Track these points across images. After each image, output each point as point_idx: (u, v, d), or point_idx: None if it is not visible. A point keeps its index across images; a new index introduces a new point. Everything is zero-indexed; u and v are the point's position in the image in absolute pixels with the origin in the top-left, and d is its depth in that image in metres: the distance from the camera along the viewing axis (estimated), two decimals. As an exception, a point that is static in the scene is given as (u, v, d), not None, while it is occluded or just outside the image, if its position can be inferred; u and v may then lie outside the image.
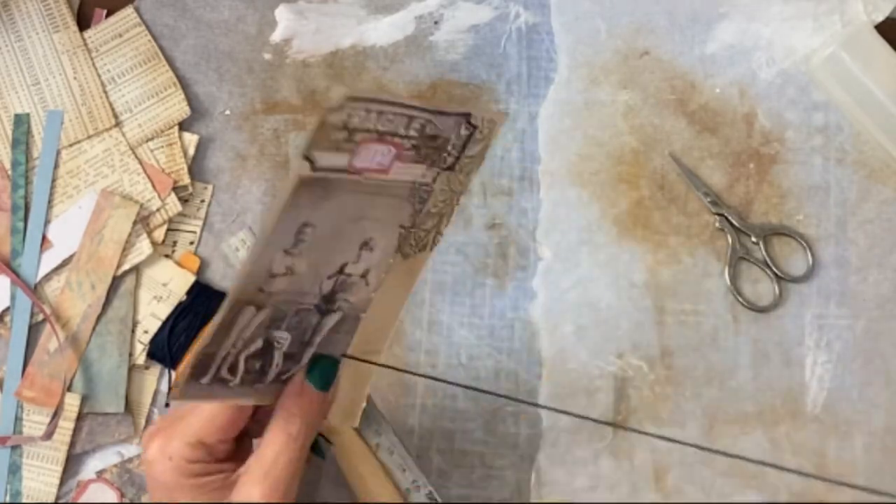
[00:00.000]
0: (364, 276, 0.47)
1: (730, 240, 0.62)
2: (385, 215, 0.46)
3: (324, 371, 0.47)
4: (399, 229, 0.47)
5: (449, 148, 0.46)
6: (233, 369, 0.45)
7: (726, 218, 0.62)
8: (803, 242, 0.62)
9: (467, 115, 0.45)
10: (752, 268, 0.63)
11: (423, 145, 0.45)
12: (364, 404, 0.50)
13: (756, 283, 0.63)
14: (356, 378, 0.50)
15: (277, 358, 0.47)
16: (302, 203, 0.42)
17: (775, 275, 0.62)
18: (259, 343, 0.46)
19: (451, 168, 0.47)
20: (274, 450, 0.45)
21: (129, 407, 0.60)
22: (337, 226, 0.45)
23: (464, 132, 0.46)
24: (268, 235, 0.42)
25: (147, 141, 0.63)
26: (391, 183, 0.45)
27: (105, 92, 0.63)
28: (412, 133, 0.44)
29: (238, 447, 0.48)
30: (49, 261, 0.61)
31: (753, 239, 0.62)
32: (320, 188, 0.43)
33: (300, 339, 0.47)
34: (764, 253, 0.62)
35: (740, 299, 0.62)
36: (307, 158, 0.41)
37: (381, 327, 0.49)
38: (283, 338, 0.46)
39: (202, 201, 0.63)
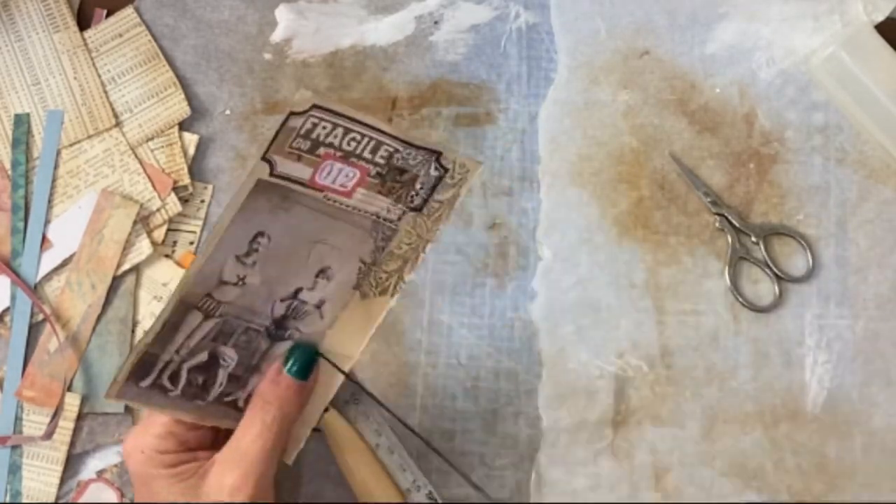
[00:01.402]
0: (319, 306, 0.47)
1: (730, 240, 0.62)
2: (345, 244, 0.45)
3: (302, 359, 0.47)
4: (359, 264, 0.46)
5: (417, 186, 0.45)
6: (174, 378, 0.45)
7: (726, 218, 0.62)
8: (803, 242, 0.62)
9: (437, 154, 0.44)
10: (752, 268, 0.63)
11: (389, 177, 0.44)
12: (322, 413, 0.50)
13: (756, 283, 0.63)
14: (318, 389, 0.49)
15: (221, 376, 0.46)
16: (258, 207, 0.42)
17: (775, 275, 0.62)
18: (204, 356, 0.45)
19: (418, 210, 0.46)
20: (249, 437, 0.45)
21: (129, 407, 0.60)
22: (293, 244, 0.44)
23: (434, 172, 0.45)
24: (220, 235, 0.42)
25: (147, 141, 0.63)
26: (353, 210, 0.44)
27: (105, 92, 0.63)
28: (378, 160, 0.43)
29: (215, 434, 0.48)
30: (49, 261, 0.61)
31: (753, 239, 0.62)
32: (278, 196, 0.42)
33: (247, 361, 0.46)
34: (764, 253, 0.62)
35: (740, 299, 0.62)
36: (266, 161, 0.41)
37: (334, 369, 0.48)
38: (230, 356, 0.46)
39: (202, 201, 0.63)
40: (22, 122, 0.63)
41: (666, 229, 0.63)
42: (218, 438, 0.48)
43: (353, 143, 0.42)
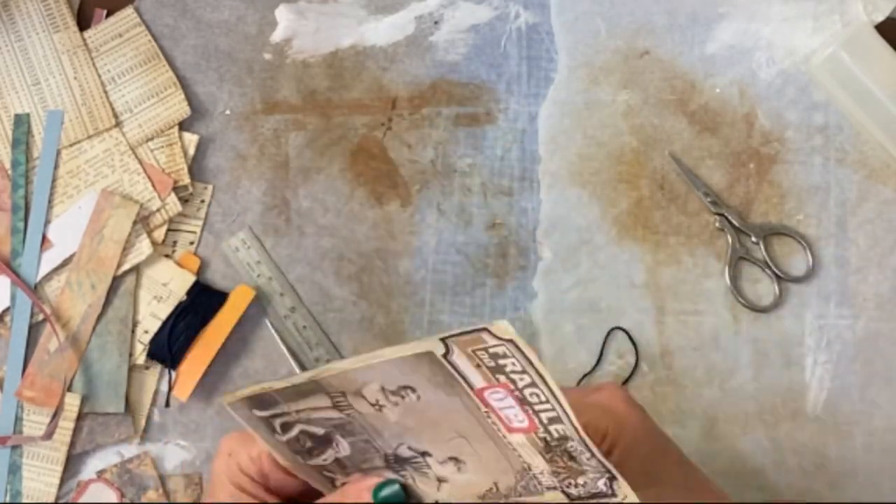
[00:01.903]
0: (439, 481, 0.43)
1: (729, 240, 0.62)
2: (487, 459, 0.42)
3: (392, 497, 0.44)
4: (492, 485, 0.43)
5: (580, 481, 0.41)
6: (285, 428, 0.43)
7: (726, 218, 0.62)
8: (803, 242, 0.62)
9: (612, 476, 0.40)
10: (752, 268, 0.63)
11: (556, 451, 0.40)
12: None
13: (756, 283, 0.63)
14: None
15: (329, 456, 0.44)
16: (418, 370, 0.39)
17: (775, 275, 0.62)
18: (320, 431, 0.43)
19: (571, 498, 0.41)
20: None
21: (130, 407, 0.60)
22: (440, 417, 0.41)
23: (602, 486, 0.40)
24: (377, 361, 0.39)
25: (147, 141, 0.63)
26: (508, 444, 0.41)
27: (105, 92, 0.63)
28: (553, 431, 0.39)
29: (301, 490, 0.46)
30: (49, 261, 0.61)
31: (753, 239, 0.62)
32: (442, 377, 0.39)
33: (357, 462, 0.44)
34: (764, 253, 0.62)
35: (741, 299, 0.62)
36: (444, 343, 0.38)
37: None
38: (344, 447, 0.44)
39: (202, 201, 0.63)
40: (22, 122, 0.63)
41: (666, 229, 0.63)
42: (300, 495, 0.46)
43: (535, 398, 0.38)
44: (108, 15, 0.65)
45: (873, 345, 0.62)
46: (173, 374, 0.61)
